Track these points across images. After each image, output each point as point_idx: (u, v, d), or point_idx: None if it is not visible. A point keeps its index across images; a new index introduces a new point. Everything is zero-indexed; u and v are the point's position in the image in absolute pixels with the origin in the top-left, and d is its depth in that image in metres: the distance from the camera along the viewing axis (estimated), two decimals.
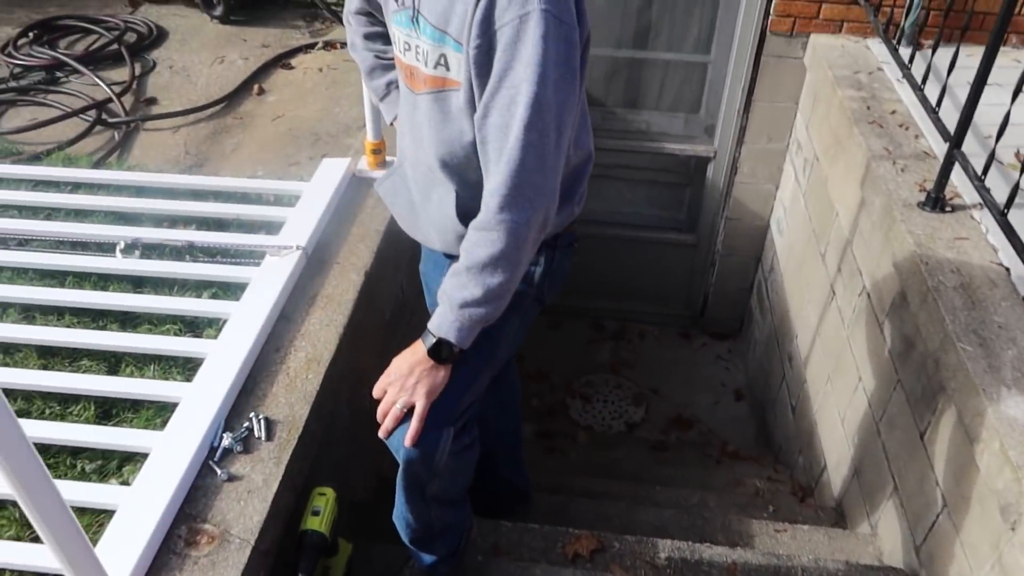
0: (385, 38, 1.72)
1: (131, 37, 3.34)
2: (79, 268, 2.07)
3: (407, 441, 1.46)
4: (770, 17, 3.34)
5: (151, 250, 2.12)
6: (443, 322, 1.40)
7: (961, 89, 2.35)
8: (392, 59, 1.73)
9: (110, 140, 2.75)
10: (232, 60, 3.25)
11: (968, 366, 1.82)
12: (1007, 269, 2.11)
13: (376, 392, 1.50)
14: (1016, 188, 1.94)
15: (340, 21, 3.40)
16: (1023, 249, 1.93)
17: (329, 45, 3.35)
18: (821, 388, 2.97)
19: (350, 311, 1.99)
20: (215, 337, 1.86)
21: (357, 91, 3.07)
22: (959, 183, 2.36)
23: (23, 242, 2.19)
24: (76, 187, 2.46)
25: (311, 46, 3.33)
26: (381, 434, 1.50)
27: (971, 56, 2.48)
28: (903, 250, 2.25)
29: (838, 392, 2.79)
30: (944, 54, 2.55)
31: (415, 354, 1.44)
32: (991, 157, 2.08)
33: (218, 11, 3.46)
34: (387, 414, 1.47)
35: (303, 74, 3.16)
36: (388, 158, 2.49)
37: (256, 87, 3.05)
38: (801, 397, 3.20)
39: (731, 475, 3.22)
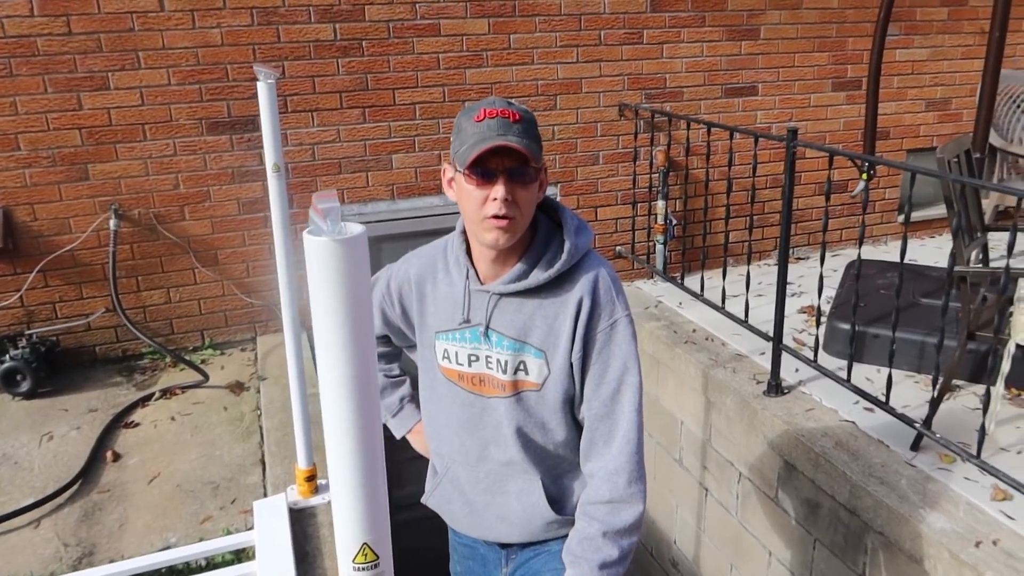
0: (391, 357, 1.87)
1: None
2: None
3: None
4: None
5: None
6: None
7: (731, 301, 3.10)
8: (398, 376, 1.87)
9: None
10: (63, 433, 2.94)
11: (887, 502, 2.28)
12: (853, 422, 2.70)
13: None
14: (851, 364, 2.58)
15: (189, 367, 3.30)
16: (872, 399, 2.53)
17: (168, 393, 3.21)
18: None
19: None
20: None
21: (228, 429, 2.97)
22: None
23: None
24: None
25: (147, 398, 3.16)
26: None
27: (712, 279, 3.36)
28: (775, 431, 2.76)
29: (749, 574, 3.10)
30: (693, 280, 3.42)
31: None
32: (817, 342, 2.74)
33: (24, 387, 3.15)
34: None
35: (155, 428, 2.97)
36: (320, 481, 2.44)
37: (108, 454, 2.79)
38: None
39: None
